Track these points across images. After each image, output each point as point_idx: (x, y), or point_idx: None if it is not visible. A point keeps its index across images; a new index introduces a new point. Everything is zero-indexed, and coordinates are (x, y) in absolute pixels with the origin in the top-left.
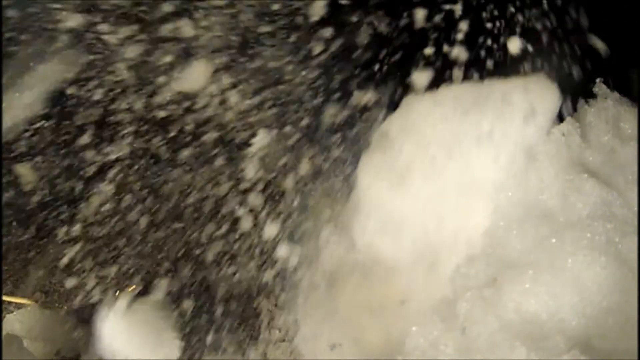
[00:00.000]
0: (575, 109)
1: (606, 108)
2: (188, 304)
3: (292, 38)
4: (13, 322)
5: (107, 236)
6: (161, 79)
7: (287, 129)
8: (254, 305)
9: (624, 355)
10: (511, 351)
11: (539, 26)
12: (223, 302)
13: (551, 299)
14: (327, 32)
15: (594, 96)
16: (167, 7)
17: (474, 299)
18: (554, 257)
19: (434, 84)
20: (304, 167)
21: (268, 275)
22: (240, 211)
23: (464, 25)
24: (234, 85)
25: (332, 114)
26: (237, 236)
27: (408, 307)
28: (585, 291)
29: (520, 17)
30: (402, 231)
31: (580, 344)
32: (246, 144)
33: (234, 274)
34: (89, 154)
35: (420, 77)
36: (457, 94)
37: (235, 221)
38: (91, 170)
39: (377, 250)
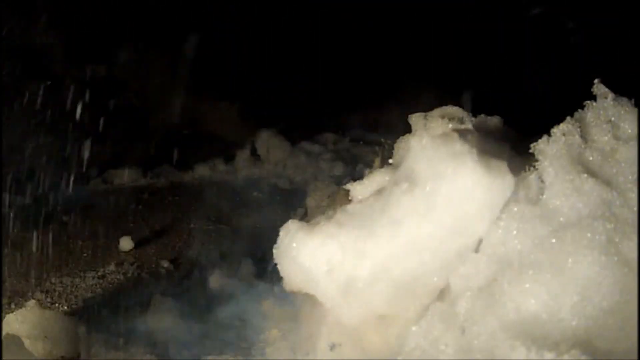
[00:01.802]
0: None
1: (606, 108)
2: None
3: None
4: (13, 322)
5: None
6: None
7: None
8: None
9: (624, 355)
10: (511, 351)
11: None
12: None
13: (551, 299)
14: None
15: (593, 97)
16: None
17: (474, 299)
18: (554, 257)
19: None
20: None
21: None
22: None
23: None
24: None
25: None
26: None
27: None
28: (585, 291)
29: None
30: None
31: (580, 344)
32: None
33: None
34: None
35: None
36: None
37: None
38: None
39: None
